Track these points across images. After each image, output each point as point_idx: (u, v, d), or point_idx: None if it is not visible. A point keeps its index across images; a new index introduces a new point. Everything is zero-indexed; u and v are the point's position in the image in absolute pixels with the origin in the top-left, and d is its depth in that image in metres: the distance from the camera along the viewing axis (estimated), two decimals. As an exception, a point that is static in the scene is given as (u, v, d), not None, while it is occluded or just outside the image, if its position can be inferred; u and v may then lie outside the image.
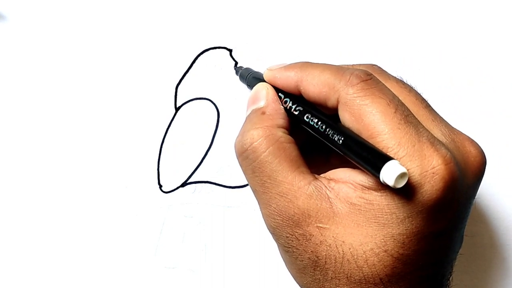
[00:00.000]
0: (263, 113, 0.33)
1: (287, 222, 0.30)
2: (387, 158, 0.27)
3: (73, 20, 0.43)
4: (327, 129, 0.31)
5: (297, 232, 0.30)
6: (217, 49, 0.43)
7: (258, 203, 0.32)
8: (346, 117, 0.30)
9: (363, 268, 0.28)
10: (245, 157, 0.31)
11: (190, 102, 0.42)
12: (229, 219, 0.41)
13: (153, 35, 0.43)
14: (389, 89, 0.30)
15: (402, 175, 0.27)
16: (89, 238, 0.41)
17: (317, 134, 0.32)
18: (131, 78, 0.43)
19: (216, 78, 0.43)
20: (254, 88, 0.35)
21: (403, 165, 0.27)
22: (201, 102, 0.42)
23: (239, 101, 0.42)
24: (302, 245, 0.30)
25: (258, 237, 0.41)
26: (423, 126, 0.29)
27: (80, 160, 0.42)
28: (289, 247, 0.30)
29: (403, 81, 0.33)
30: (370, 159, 0.28)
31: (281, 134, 0.31)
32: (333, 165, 0.33)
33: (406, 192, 0.27)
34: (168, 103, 0.42)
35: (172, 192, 0.41)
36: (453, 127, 0.32)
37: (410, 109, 0.30)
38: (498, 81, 0.43)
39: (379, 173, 0.27)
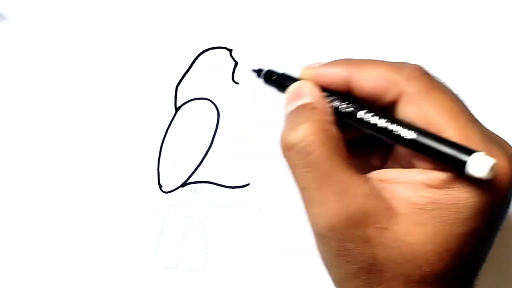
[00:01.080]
0: (314, 108, 0.30)
1: (344, 222, 0.28)
2: (472, 151, 0.26)
3: (73, 20, 0.43)
4: (394, 125, 0.29)
5: (354, 234, 0.28)
6: (217, 49, 0.43)
7: (307, 201, 0.29)
8: (411, 111, 0.29)
9: (423, 267, 0.27)
10: (296, 152, 0.29)
11: (190, 102, 0.42)
12: (229, 219, 0.41)
13: (153, 35, 0.43)
14: (448, 87, 0.30)
15: (492, 167, 0.26)
16: (89, 238, 0.41)
17: (377, 132, 0.30)
18: (131, 78, 0.43)
19: (216, 78, 0.43)
20: (294, 85, 0.32)
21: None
22: (201, 102, 0.42)
23: (239, 101, 0.42)
24: (358, 247, 0.28)
25: (258, 237, 0.41)
26: (484, 126, 0.29)
27: (80, 160, 0.42)
28: (343, 250, 0.28)
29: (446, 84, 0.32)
30: (452, 152, 0.27)
31: (335, 131, 0.30)
32: (374, 167, 0.33)
33: (472, 190, 0.27)
34: (168, 103, 0.42)
35: (172, 192, 0.41)
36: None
37: None
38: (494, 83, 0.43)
39: (464, 166, 0.26)
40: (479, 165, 0.26)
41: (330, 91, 0.31)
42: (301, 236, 0.38)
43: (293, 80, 0.33)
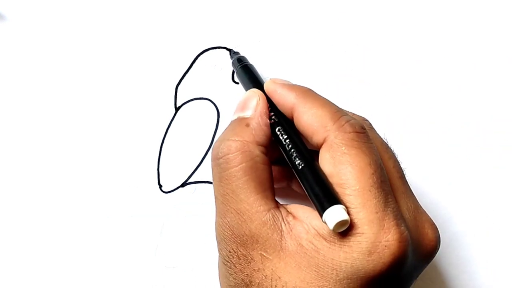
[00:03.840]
0: (247, 125, 0.32)
1: (235, 239, 0.30)
2: (336, 202, 0.28)
3: (73, 20, 0.43)
4: (292, 149, 0.31)
5: (240, 251, 0.30)
6: (217, 49, 0.43)
7: (216, 209, 0.32)
8: (325, 158, 0.30)
9: None
10: (217, 164, 0.31)
11: (190, 102, 0.42)
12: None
13: (153, 35, 0.43)
14: (375, 150, 0.30)
15: (343, 223, 0.27)
16: (89, 238, 0.41)
17: (283, 151, 0.32)
18: (131, 78, 0.43)
19: (216, 78, 0.43)
20: (246, 93, 0.35)
21: (356, 224, 0.28)
22: (201, 102, 0.42)
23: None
24: (240, 264, 0.30)
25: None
26: (393, 196, 0.30)
27: (80, 160, 0.42)
28: (228, 262, 0.30)
29: (387, 145, 0.33)
30: (321, 195, 0.29)
31: (258, 153, 0.31)
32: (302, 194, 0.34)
33: (353, 254, 0.28)
34: (168, 103, 0.42)
35: (172, 192, 0.41)
36: (419, 205, 0.32)
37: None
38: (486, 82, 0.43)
39: (323, 212, 0.28)
40: (333, 216, 0.27)
41: (279, 112, 0.33)
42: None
43: (254, 84, 0.36)
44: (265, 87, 0.34)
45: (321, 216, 0.28)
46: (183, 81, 0.43)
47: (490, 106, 0.43)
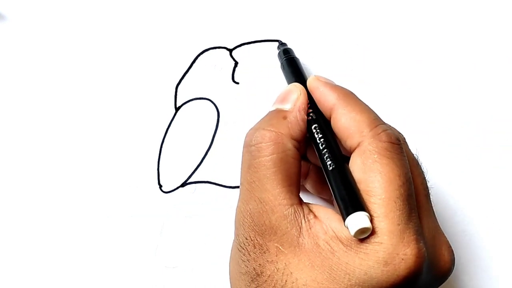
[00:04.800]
0: (285, 117, 0.32)
1: (254, 226, 0.30)
2: (361, 208, 0.28)
3: (73, 20, 0.43)
4: (325, 149, 0.31)
5: (257, 240, 0.30)
6: (217, 49, 0.43)
7: (239, 195, 0.32)
8: (356, 163, 0.30)
9: None
10: (248, 151, 0.32)
11: (190, 102, 0.42)
12: (229, 219, 0.41)
13: (153, 35, 0.43)
14: (407, 164, 0.30)
15: (364, 230, 0.27)
16: (89, 238, 0.41)
17: (316, 150, 0.32)
18: (131, 78, 0.43)
19: (216, 78, 0.43)
20: (288, 86, 0.35)
21: (376, 233, 0.28)
22: (201, 102, 0.42)
23: (239, 101, 0.42)
24: (255, 253, 0.30)
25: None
26: (417, 212, 0.30)
27: (80, 160, 0.42)
28: (243, 249, 0.30)
29: (418, 162, 0.33)
30: (347, 199, 0.29)
31: (291, 147, 0.31)
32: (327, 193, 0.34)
33: (368, 261, 0.28)
34: (168, 103, 0.42)
35: (172, 192, 0.41)
36: (439, 227, 0.32)
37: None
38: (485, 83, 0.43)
39: (347, 216, 0.28)
40: (355, 222, 0.28)
41: (318, 110, 0.33)
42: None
43: (297, 78, 0.36)
44: (308, 83, 0.34)
45: (344, 219, 0.28)
46: (183, 81, 0.43)
47: (490, 106, 0.43)
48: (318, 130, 0.32)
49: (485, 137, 0.42)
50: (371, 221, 0.28)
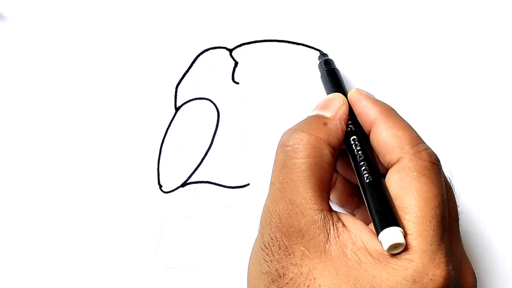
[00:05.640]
0: (325, 124, 0.32)
1: (281, 227, 0.30)
2: (396, 223, 0.28)
3: (73, 20, 0.43)
4: (363, 162, 0.31)
5: (282, 242, 0.30)
6: (217, 49, 0.43)
7: (268, 194, 0.31)
8: (393, 179, 0.30)
9: None
10: (284, 151, 0.31)
11: (190, 102, 0.42)
12: (229, 219, 0.41)
13: (153, 35, 0.43)
14: (444, 185, 0.30)
15: (397, 246, 0.28)
16: (89, 238, 0.41)
17: (352, 161, 0.32)
18: (131, 78, 0.43)
19: (216, 78, 0.43)
20: (331, 95, 0.35)
21: (408, 250, 0.28)
22: (201, 102, 0.42)
23: (239, 101, 0.42)
24: (279, 254, 0.30)
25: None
26: (448, 235, 0.30)
27: (80, 160, 0.42)
28: (267, 248, 0.30)
29: (451, 186, 0.33)
30: (382, 213, 0.29)
31: (327, 153, 0.31)
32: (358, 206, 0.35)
33: (396, 277, 0.28)
34: (168, 103, 0.42)
35: (172, 192, 0.41)
36: (465, 253, 0.32)
37: None
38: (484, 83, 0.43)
39: (381, 230, 0.28)
40: (389, 237, 0.28)
41: (357, 122, 0.33)
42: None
43: (337, 88, 0.36)
44: (350, 95, 0.34)
45: (378, 233, 0.28)
46: (183, 81, 0.43)
47: (490, 106, 0.43)
48: (356, 142, 0.32)
49: (485, 137, 0.42)
50: (405, 237, 0.28)
